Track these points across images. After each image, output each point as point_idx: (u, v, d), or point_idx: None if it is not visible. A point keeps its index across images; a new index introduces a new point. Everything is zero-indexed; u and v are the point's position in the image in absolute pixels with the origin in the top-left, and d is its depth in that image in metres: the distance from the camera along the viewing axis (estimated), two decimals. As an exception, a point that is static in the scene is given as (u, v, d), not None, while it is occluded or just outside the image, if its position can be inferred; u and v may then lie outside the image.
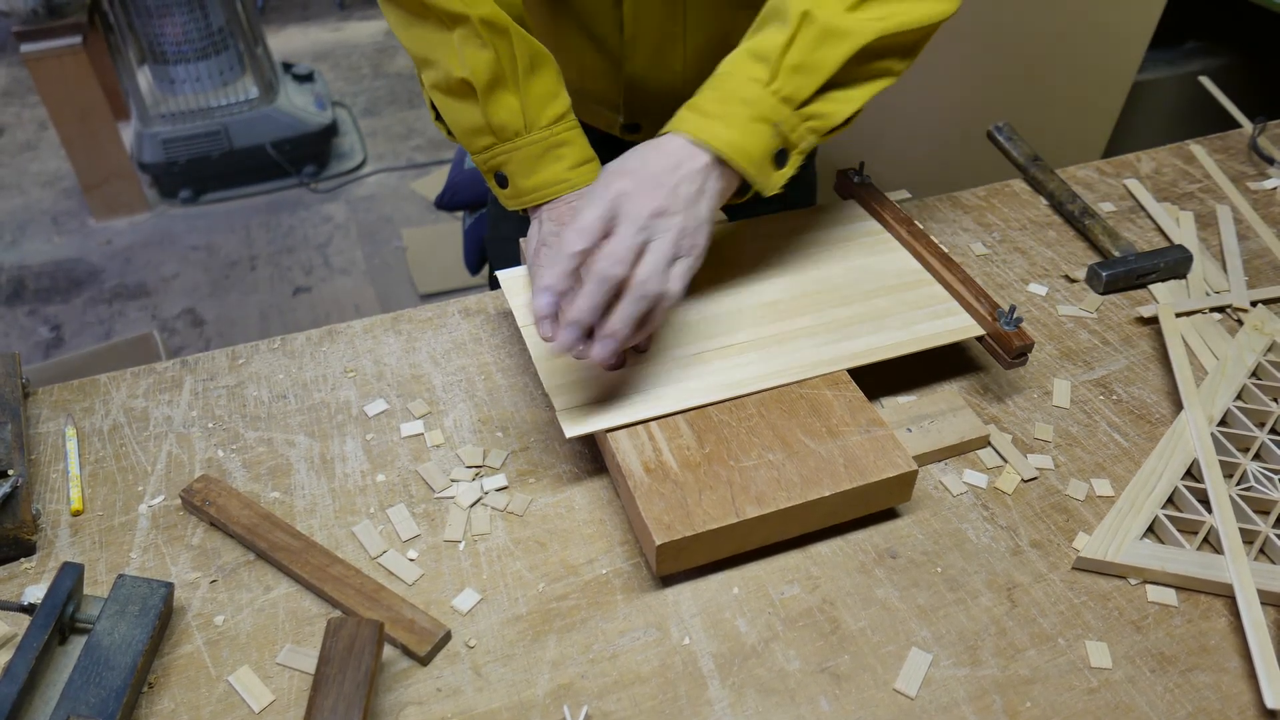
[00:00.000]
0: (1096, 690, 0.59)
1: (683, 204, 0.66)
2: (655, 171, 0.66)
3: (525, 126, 0.78)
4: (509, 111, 0.78)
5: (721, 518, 0.62)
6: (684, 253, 0.66)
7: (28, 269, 2.60)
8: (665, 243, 0.65)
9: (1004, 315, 0.75)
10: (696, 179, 0.67)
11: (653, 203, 0.65)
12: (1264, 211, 1.02)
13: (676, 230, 0.65)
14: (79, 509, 0.70)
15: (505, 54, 0.76)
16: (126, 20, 2.56)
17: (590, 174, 0.81)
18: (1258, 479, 0.71)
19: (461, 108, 0.79)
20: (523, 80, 0.77)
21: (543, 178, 0.79)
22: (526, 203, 0.81)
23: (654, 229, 0.65)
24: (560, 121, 0.79)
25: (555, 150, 0.79)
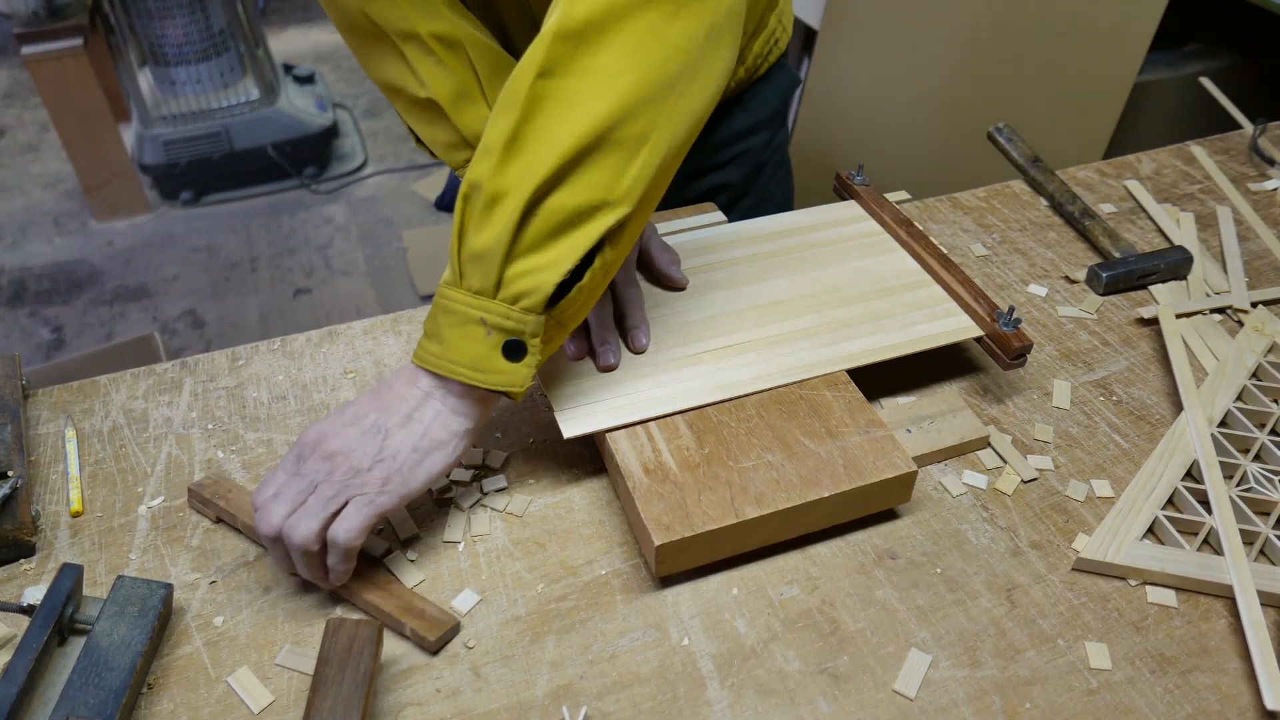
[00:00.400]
0: (1096, 691, 0.59)
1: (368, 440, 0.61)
2: (356, 409, 0.63)
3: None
4: (480, 121, 0.77)
5: (721, 518, 0.62)
6: (353, 496, 0.60)
7: (29, 270, 2.60)
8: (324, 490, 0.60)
9: (1003, 316, 0.75)
10: (402, 407, 0.62)
11: (329, 444, 0.61)
12: (1264, 213, 1.02)
13: (345, 472, 0.60)
14: (78, 510, 0.70)
15: (462, 67, 0.76)
16: (127, 22, 2.56)
17: None
18: (1258, 480, 0.71)
19: (434, 127, 0.79)
20: (487, 87, 0.76)
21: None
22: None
23: (317, 475, 0.61)
24: None
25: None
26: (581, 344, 0.74)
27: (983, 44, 1.70)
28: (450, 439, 0.63)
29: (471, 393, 0.63)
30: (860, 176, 0.94)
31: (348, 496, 0.60)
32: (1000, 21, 1.66)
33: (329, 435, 0.62)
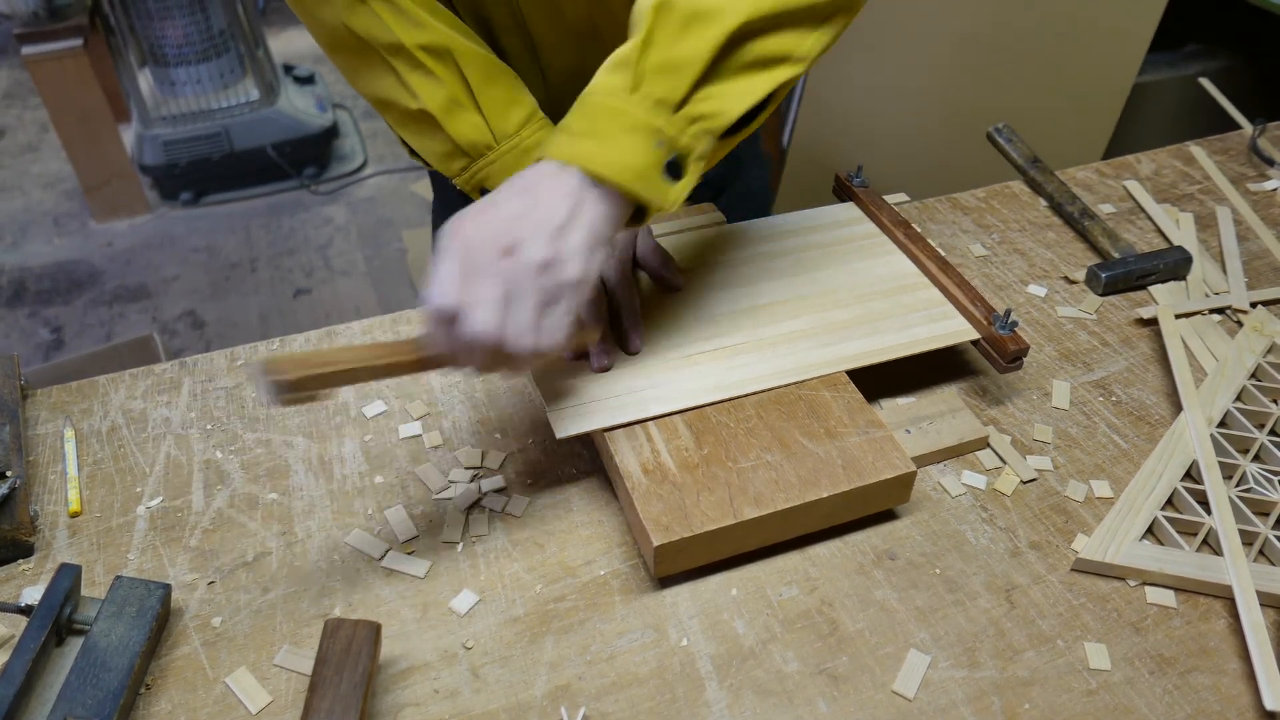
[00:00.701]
0: (1095, 692, 0.59)
1: (544, 238, 0.57)
2: (510, 207, 0.58)
3: (494, 139, 0.76)
4: (474, 129, 0.76)
5: (719, 519, 0.62)
6: (552, 298, 0.57)
7: (28, 271, 2.60)
8: (526, 292, 0.56)
9: (999, 319, 0.75)
10: (562, 205, 0.57)
11: (501, 241, 0.56)
12: (1264, 213, 1.02)
13: (534, 271, 0.56)
14: (77, 510, 0.70)
15: (452, 76, 0.75)
16: (127, 22, 2.56)
17: None
18: (1257, 480, 0.71)
19: (428, 138, 0.78)
20: (479, 94, 0.76)
21: None
22: None
23: (510, 275, 0.56)
24: (528, 124, 0.77)
25: (532, 154, 0.77)
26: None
27: (982, 44, 1.70)
28: (606, 240, 0.60)
29: (618, 203, 0.60)
30: (859, 178, 0.94)
31: (544, 298, 0.57)
32: (1000, 22, 1.66)
33: (500, 233, 0.57)
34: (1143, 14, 1.50)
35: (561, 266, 0.57)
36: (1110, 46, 1.56)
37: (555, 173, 0.59)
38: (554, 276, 0.57)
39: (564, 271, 0.57)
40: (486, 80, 0.76)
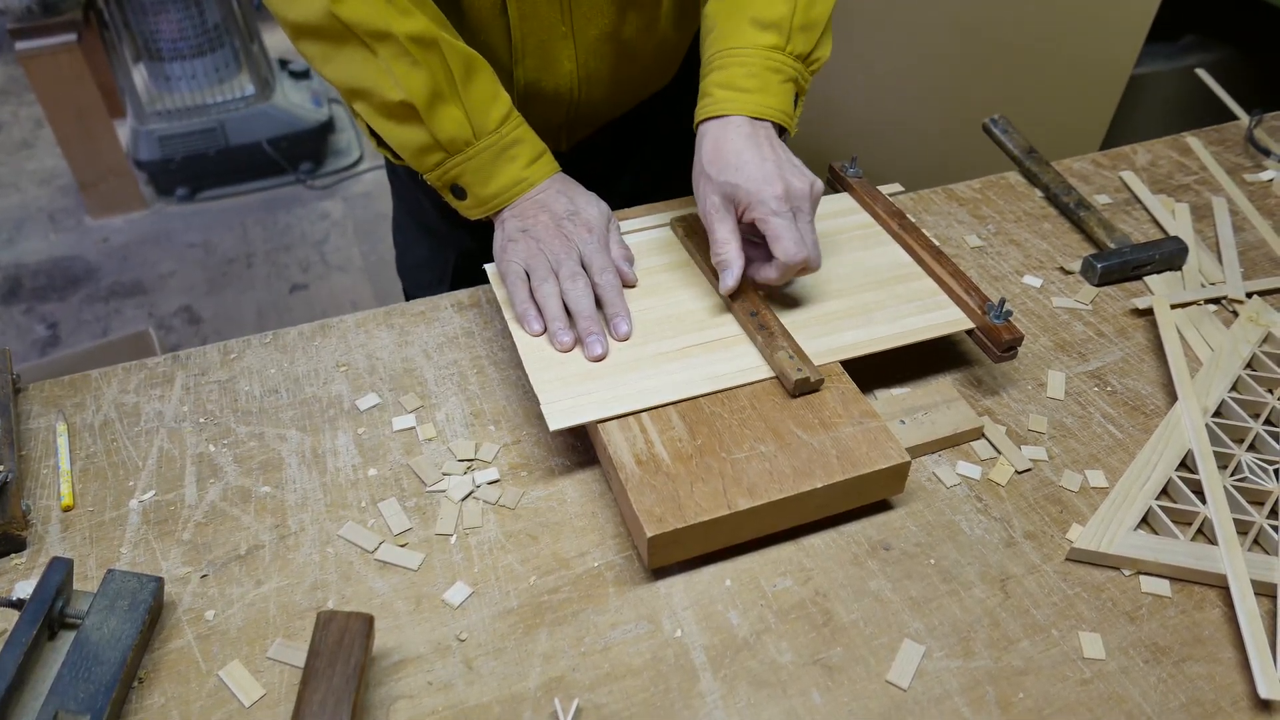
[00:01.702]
0: (1090, 681, 0.59)
1: (797, 172, 0.75)
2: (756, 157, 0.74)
3: (474, 134, 0.77)
4: (455, 123, 0.77)
5: (713, 510, 0.62)
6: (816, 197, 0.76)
7: (24, 267, 2.59)
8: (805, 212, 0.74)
9: (993, 308, 0.75)
10: (772, 137, 0.77)
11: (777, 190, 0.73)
12: (1260, 203, 1.02)
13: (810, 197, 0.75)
14: (69, 504, 0.70)
15: (439, 67, 0.75)
16: (122, 17, 2.55)
17: (546, 168, 0.81)
18: (1252, 470, 0.71)
19: (404, 130, 0.78)
20: (461, 89, 0.76)
21: (501, 182, 0.79)
22: (490, 209, 0.81)
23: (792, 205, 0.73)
24: (507, 122, 0.79)
25: (508, 151, 0.79)
26: (573, 335, 0.74)
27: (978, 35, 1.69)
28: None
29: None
30: (853, 169, 0.94)
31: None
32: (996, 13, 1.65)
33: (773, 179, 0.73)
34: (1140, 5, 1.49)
35: (817, 183, 0.76)
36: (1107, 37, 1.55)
37: (753, 124, 0.76)
38: (818, 192, 0.76)
39: (819, 185, 0.77)
40: (469, 75, 0.77)
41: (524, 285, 0.78)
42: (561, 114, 0.96)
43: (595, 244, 0.79)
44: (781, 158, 0.75)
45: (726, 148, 0.75)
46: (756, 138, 0.75)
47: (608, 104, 0.99)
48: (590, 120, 1.00)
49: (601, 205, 0.83)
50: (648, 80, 1.00)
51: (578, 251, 0.78)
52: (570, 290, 0.76)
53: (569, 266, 0.77)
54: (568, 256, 0.78)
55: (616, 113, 1.02)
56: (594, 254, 0.78)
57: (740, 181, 0.73)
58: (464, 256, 1.07)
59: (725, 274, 0.75)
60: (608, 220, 0.83)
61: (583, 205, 0.81)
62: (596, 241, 0.79)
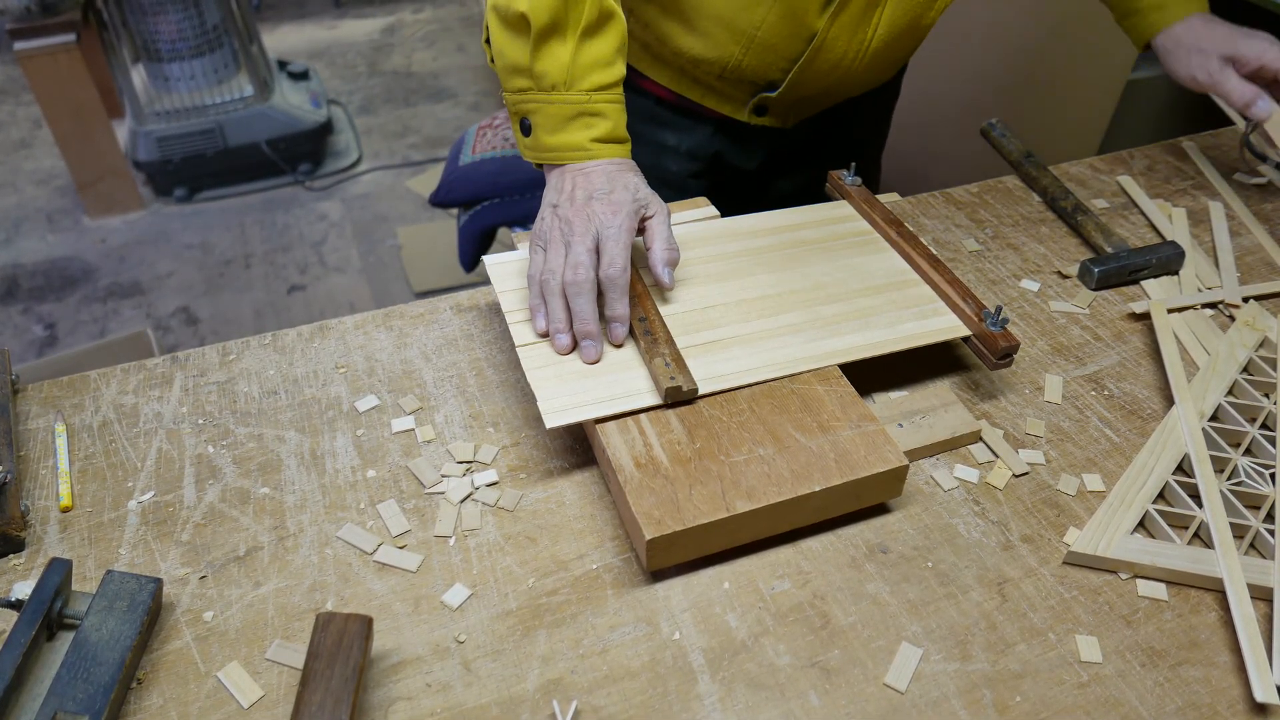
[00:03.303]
0: (1086, 685, 0.59)
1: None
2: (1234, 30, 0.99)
3: (565, 83, 0.75)
4: (555, 63, 0.75)
5: (712, 512, 0.62)
6: None
7: (22, 267, 2.59)
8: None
9: (990, 316, 0.75)
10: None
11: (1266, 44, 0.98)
12: (1256, 208, 1.02)
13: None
14: (68, 505, 0.70)
15: (575, 5, 0.74)
16: (121, 18, 2.55)
17: (615, 151, 0.78)
18: (1248, 474, 0.71)
19: (512, 41, 0.76)
20: (581, 36, 0.75)
21: (565, 139, 0.77)
22: (544, 159, 0.79)
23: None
24: (604, 91, 0.76)
25: (587, 117, 0.76)
26: (570, 338, 0.74)
27: (977, 40, 1.70)
28: None
29: None
30: (852, 177, 0.94)
31: None
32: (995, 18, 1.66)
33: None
34: (1137, 10, 1.50)
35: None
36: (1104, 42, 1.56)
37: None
38: None
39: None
40: (597, 28, 0.76)
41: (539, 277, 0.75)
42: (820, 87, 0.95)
43: (615, 228, 0.73)
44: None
45: (1214, 31, 0.96)
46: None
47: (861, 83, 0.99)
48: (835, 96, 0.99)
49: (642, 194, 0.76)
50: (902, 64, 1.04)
51: (595, 234, 0.73)
52: (570, 282, 0.72)
53: (576, 253, 0.72)
54: (581, 239, 0.73)
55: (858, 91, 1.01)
56: (609, 239, 0.73)
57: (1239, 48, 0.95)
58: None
59: (1259, 104, 0.94)
60: (639, 208, 0.76)
61: (621, 188, 0.75)
62: (618, 226, 0.73)
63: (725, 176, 1.09)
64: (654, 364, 0.71)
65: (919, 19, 0.92)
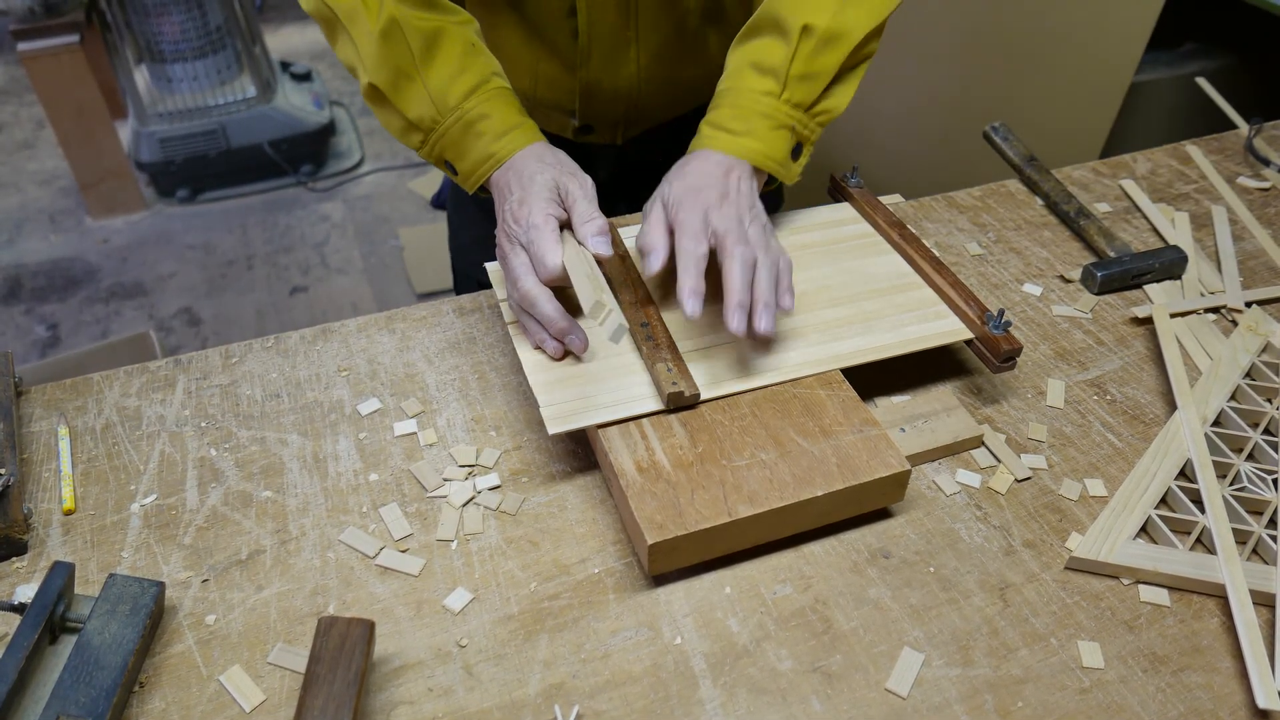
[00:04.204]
0: (1089, 690, 0.59)
1: (745, 200, 0.74)
2: (715, 182, 0.74)
3: (439, 113, 0.77)
4: (420, 102, 0.77)
5: (714, 517, 0.62)
6: (769, 229, 0.75)
7: (24, 268, 2.59)
8: (757, 226, 0.73)
9: (992, 319, 0.75)
10: (746, 180, 0.76)
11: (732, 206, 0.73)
12: (1259, 212, 1.02)
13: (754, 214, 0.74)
14: (71, 508, 0.70)
15: (399, 46, 0.76)
16: (124, 19, 2.55)
17: (515, 142, 0.78)
18: (1251, 479, 0.71)
19: (384, 112, 0.79)
20: (421, 66, 0.76)
21: (474, 157, 0.78)
22: (475, 184, 0.80)
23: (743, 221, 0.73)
24: (472, 96, 0.77)
25: (474, 127, 0.77)
26: (556, 342, 0.73)
27: (979, 43, 1.70)
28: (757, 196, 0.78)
29: (762, 175, 0.79)
30: (855, 179, 0.94)
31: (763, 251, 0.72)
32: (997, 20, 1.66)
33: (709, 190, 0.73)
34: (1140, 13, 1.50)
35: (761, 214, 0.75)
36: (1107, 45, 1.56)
37: (729, 160, 0.76)
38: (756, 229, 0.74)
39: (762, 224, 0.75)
40: (429, 51, 0.76)
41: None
42: (620, 111, 0.97)
43: (534, 228, 0.72)
44: (732, 193, 0.74)
45: (687, 168, 0.76)
46: (721, 171, 0.75)
47: (666, 105, 1.00)
48: (648, 118, 1.01)
49: (544, 179, 0.75)
50: (706, 85, 1.01)
51: (521, 241, 0.74)
52: (521, 299, 0.73)
53: (513, 268, 0.73)
54: (513, 253, 0.74)
55: (675, 112, 1.03)
56: (531, 242, 0.73)
57: (671, 191, 0.74)
58: None
59: (649, 258, 0.73)
60: (551, 195, 0.75)
61: (529, 182, 0.75)
62: (535, 225, 0.73)
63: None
64: (656, 369, 0.71)
65: (681, 31, 0.91)
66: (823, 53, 0.77)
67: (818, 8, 0.76)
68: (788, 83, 0.76)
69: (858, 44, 0.77)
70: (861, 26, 0.77)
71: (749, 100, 0.77)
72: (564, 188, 0.76)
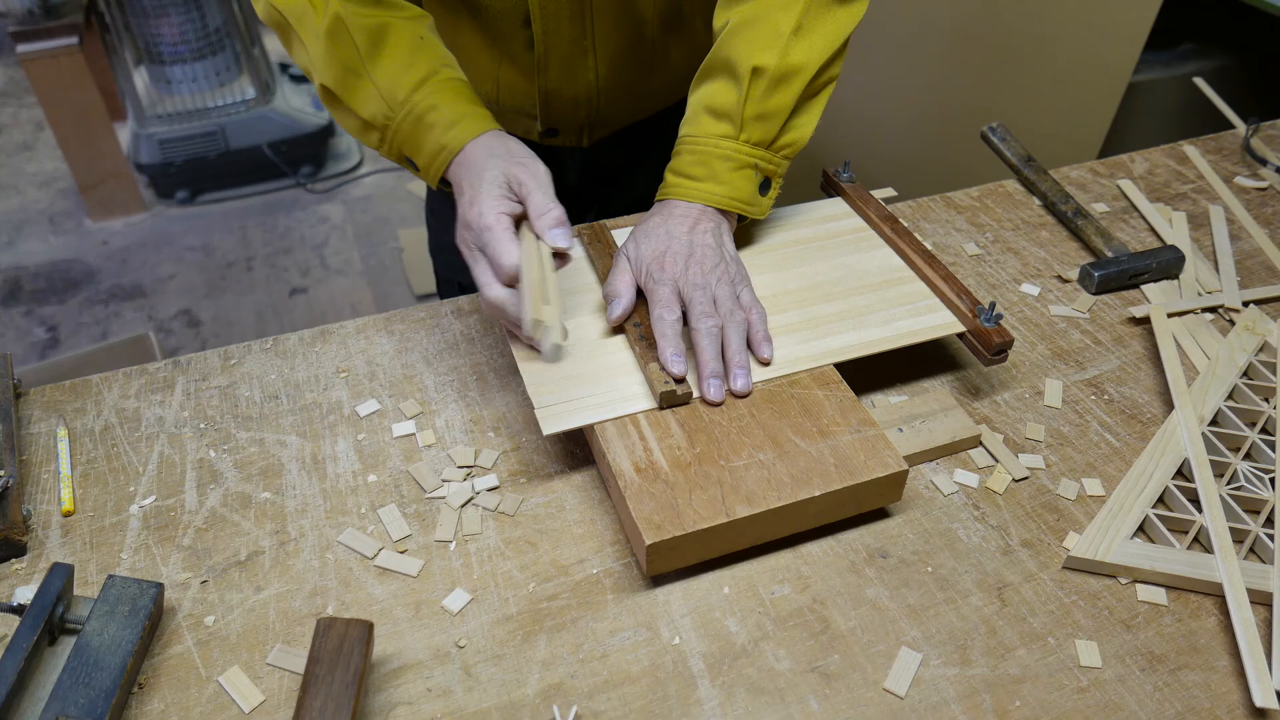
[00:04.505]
0: (1086, 689, 0.59)
1: (711, 258, 0.75)
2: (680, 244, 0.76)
3: (390, 109, 0.76)
4: (371, 101, 0.77)
5: (712, 517, 0.62)
6: (738, 280, 0.76)
7: (24, 270, 2.59)
8: (724, 285, 0.74)
9: (984, 312, 0.76)
10: (711, 233, 0.77)
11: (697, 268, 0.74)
12: (1256, 212, 1.02)
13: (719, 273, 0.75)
14: (70, 510, 0.70)
15: (345, 44, 0.75)
16: (123, 21, 2.56)
17: (466, 131, 0.76)
18: (1248, 478, 0.71)
19: (340, 114, 0.79)
20: (369, 63, 0.76)
21: (428, 151, 0.77)
22: (435, 178, 0.79)
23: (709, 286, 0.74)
24: (421, 88, 0.76)
25: (423, 120, 0.76)
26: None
27: (977, 43, 1.70)
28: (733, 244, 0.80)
29: (731, 217, 0.81)
30: (847, 173, 0.94)
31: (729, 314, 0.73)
32: (995, 20, 1.66)
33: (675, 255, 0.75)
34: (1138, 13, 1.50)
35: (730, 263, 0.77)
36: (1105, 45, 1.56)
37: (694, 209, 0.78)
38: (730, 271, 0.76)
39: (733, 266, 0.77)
40: (375, 47, 0.76)
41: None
42: (582, 117, 0.97)
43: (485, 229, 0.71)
44: (697, 252, 0.75)
45: (651, 225, 0.78)
46: (685, 227, 0.77)
47: (629, 111, 1.00)
48: (612, 123, 1.01)
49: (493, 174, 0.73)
50: (669, 90, 1.01)
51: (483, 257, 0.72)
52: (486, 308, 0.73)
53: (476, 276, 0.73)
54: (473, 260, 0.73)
55: (638, 117, 1.03)
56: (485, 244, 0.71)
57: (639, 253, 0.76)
58: None
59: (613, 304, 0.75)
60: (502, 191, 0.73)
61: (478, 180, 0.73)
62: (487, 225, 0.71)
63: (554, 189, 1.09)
64: (649, 368, 0.71)
65: (638, 40, 0.92)
66: (775, 92, 0.77)
67: (766, 47, 0.76)
68: (743, 125, 0.77)
69: (812, 77, 0.77)
70: (814, 61, 0.77)
71: (707, 145, 0.78)
72: (515, 179, 0.73)
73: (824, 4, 0.77)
